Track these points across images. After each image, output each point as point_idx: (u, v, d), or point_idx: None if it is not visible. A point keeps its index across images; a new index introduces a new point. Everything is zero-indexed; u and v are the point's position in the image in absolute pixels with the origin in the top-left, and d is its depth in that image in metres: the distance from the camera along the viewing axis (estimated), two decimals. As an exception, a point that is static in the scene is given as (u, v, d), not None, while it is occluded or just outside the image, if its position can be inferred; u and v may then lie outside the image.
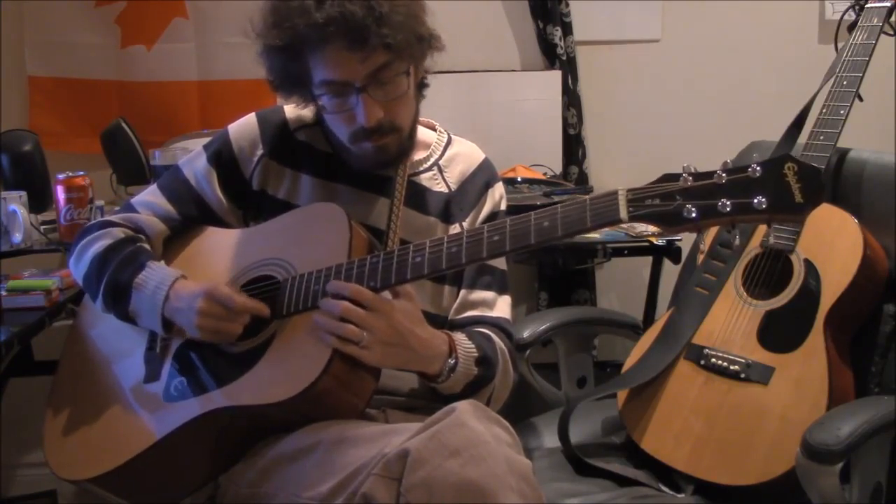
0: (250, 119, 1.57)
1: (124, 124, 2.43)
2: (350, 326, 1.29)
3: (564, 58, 2.78)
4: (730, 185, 1.12)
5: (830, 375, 1.53)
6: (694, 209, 1.13)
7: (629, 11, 2.86)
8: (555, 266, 2.78)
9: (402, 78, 1.40)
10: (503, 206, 1.60)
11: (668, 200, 1.14)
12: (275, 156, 1.53)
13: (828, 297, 1.60)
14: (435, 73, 1.50)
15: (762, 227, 1.71)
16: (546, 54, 2.81)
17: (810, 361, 1.56)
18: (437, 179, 1.56)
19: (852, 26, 1.84)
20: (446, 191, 1.56)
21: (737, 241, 1.68)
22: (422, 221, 1.52)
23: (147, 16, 2.69)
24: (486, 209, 1.56)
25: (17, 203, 2.10)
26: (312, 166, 1.53)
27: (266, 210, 1.52)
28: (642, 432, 1.68)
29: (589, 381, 1.96)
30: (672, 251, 2.35)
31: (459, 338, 1.44)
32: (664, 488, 1.60)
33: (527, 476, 1.17)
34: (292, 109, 1.55)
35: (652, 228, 1.17)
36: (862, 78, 1.74)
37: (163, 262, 1.51)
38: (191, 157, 1.59)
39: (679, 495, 1.57)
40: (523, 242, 1.24)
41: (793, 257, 1.66)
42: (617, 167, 2.90)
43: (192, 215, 1.56)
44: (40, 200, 2.24)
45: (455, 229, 1.53)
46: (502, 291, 1.56)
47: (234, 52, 2.68)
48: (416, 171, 1.55)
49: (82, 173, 2.11)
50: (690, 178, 1.14)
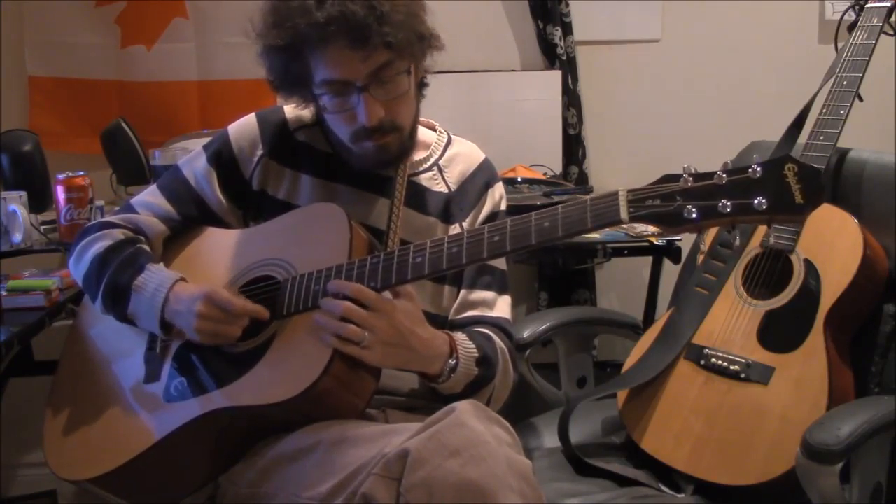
0: (250, 119, 1.57)
1: (124, 124, 2.43)
2: (351, 326, 1.29)
3: (564, 58, 2.77)
4: (730, 186, 1.12)
5: (830, 375, 1.53)
6: (694, 210, 1.13)
7: (629, 11, 2.86)
8: (555, 266, 2.77)
9: (403, 77, 1.40)
10: (503, 206, 1.60)
11: (669, 201, 1.14)
12: (275, 156, 1.53)
13: (828, 297, 1.60)
14: (435, 73, 1.50)
15: (762, 228, 1.71)
16: (546, 54, 2.81)
17: (810, 361, 1.56)
18: (436, 179, 1.56)
19: (852, 26, 1.84)
20: (446, 191, 1.56)
21: (737, 241, 1.69)
22: (422, 221, 1.52)
23: (147, 16, 2.69)
24: (486, 209, 1.56)
25: (17, 203, 2.10)
26: (312, 166, 1.53)
27: (266, 210, 1.52)
28: (642, 432, 1.68)
29: (589, 381, 1.96)
30: (672, 251, 2.35)
31: (460, 338, 1.44)
32: (664, 488, 1.60)
33: (527, 476, 1.17)
34: (292, 109, 1.55)
35: (652, 229, 1.17)
36: (862, 78, 1.74)
37: (162, 263, 1.51)
38: (190, 158, 1.59)
39: (679, 495, 1.57)
40: (524, 243, 1.24)
41: (793, 257, 1.66)
42: (617, 167, 2.90)
43: (191, 215, 1.56)
44: (40, 200, 2.23)
45: (455, 229, 1.53)
46: (502, 291, 1.56)
47: (234, 52, 2.68)
48: (416, 171, 1.55)
49: (82, 173, 2.11)
50: (691, 179, 1.14)
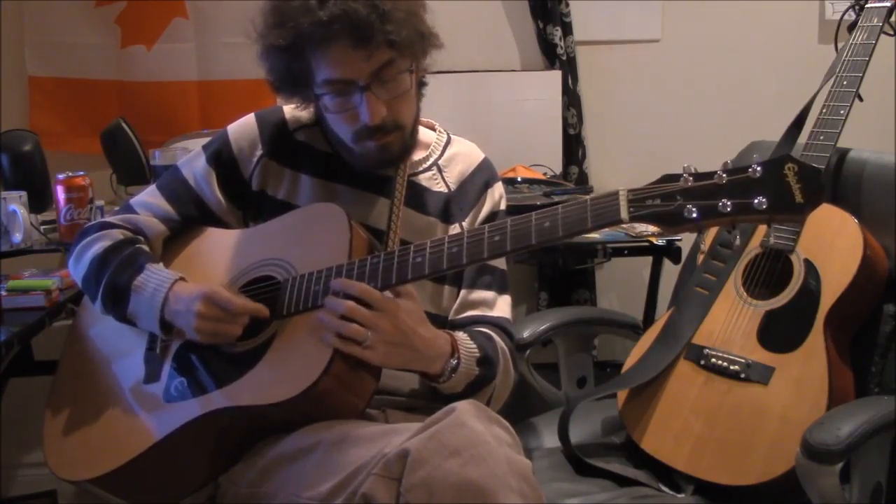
0: (249, 119, 1.57)
1: (124, 124, 2.43)
2: (354, 326, 1.29)
3: (564, 58, 2.77)
4: (730, 186, 1.12)
5: (830, 375, 1.53)
6: (694, 209, 1.13)
7: (629, 11, 2.85)
8: (555, 266, 2.77)
9: (405, 75, 1.40)
10: (503, 205, 1.60)
11: (669, 201, 1.14)
12: (274, 156, 1.53)
13: (828, 297, 1.60)
14: (435, 73, 1.49)
15: (762, 228, 1.71)
16: (546, 54, 2.81)
17: (810, 361, 1.56)
18: (436, 179, 1.56)
19: (852, 26, 1.84)
20: (446, 191, 1.56)
21: (737, 241, 1.69)
22: (421, 221, 1.52)
23: (147, 16, 2.69)
24: (486, 209, 1.56)
25: (17, 203, 2.10)
26: (312, 166, 1.53)
27: (266, 210, 1.52)
28: (642, 432, 1.68)
29: (589, 381, 1.96)
30: (672, 251, 2.35)
31: (461, 337, 1.44)
32: (664, 488, 1.60)
33: (527, 476, 1.17)
34: (291, 110, 1.55)
35: (652, 228, 1.17)
36: (862, 78, 1.74)
37: (161, 263, 1.51)
38: (190, 158, 1.59)
39: (679, 495, 1.57)
40: (524, 243, 1.24)
41: (793, 257, 1.66)
42: (617, 167, 2.89)
43: (191, 216, 1.56)
44: (40, 200, 2.23)
45: (455, 229, 1.52)
46: (502, 291, 1.56)
47: (234, 52, 2.68)
48: (416, 170, 1.55)
49: (82, 173, 2.11)
50: (691, 179, 1.14)
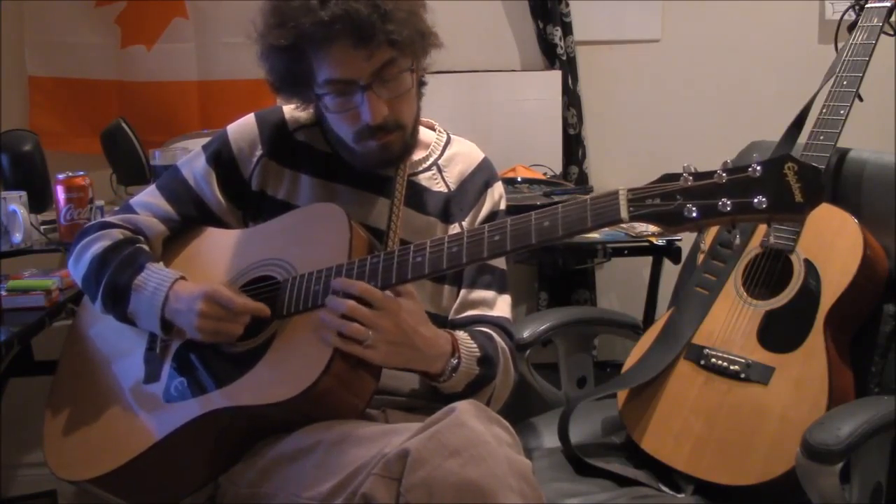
0: (249, 119, 1.57)
1: (124, 124, 2.42)
2: (355, 325, 1.29)
3: (564, 58, 2.77)
4: (730, 185, 1.12)
5: (830, 375, 1.53)
6: (694, 209, 1.13)
7: (629, 11, 2.85)
8: (555, 266, 2.77)
9: (406, 75, 1.40)
10: (503, 205, 1.60)
11: (669, 200, 1.14)
12: (274, 156, 1.53)
13: (828, 297, 1.60)
14: (435, 73, 1.49)
15: (762, 227, 1.71)
16: (546, 54, 2.81)
17: (810, 361, 1.56)
18: (436, 179, 1.56)
19: (852, 26, 1.84)
20: (446, 190, 1.56)
21: (737, 240, 1.69)
22: (421, 221, 1.52)
23: (147, 16, 2.69)
24: (486, 209, 1.56)
25: (17, 203, 2.10)
26: (312, 166, 1.53)
27: (265, 210, 1.52)
28: (642, 432, 1.68)
29: (589, 381, 1.96)
30: (672, 251, 2.34)
31: (462, 337, 1.43)
32: (664, 488, 1.60)
33: (527, 476, 1.17)
34: (291, 110, 1.55)
35: (652, 228, 1.17)
36: (862, 78, 1.74)
37: (162, 263, 1.51)
38: (190, 158, 1.59)
39: (679, 495, 1.57)
40: (524, 242, 1.23)
41: (793, 257, 1.66)
42: (617, 167, 2.89)
43: (191, 216, 1.56)
44: (40, 200, 2.23)
45: (454, 229, 1.52)
46: (502, 291, 1.55)
47: (234, 52, 2.68)
48: (416, 170, 1.55)
49: (82, 173, 2.11)
50: (691, 178, 1.14)
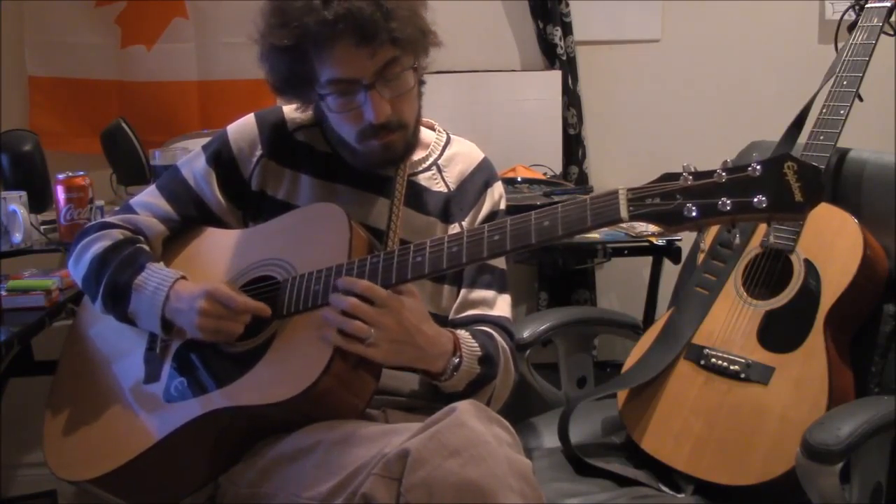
0: (249, 120, 1.57)
1: (124, 124, 2.42)
2: (357, 322, 1.29)
3: (564, 58, 2.77)
4: (730, 184, 1.12)
5: (830, 375, 1.53)
6: (694, 208, 1.13)
7: (629, 11, 2.85)
8: (555, 266, 2.77)
9: (408, 73, 1.40)
10: (502, 205, 1.60)
11: (669, 199, 1.14)
12: (274, 156, 1.53)
13: (828, 297, 1.60)
14: (435, 72, 1.50)
15: (762, 227, 1.71)
16: (546, 54, 2.81)
17: (810, 361, 1.56)
18: (436, 179, 1.56)
19: (852, 26, 1.84)
20: (445, 190, 1.56)
21: (737, 240, 1.69)
22: (421, 221, 1.52)
23: (147, 16, 2.69)
24: (486, 209, 1.56)
25: (17, 203, 2.10)
26: (312, 166, 1.53)
27: (265, 210, 1.52)
28: (642, 432, 1.67)
29: (589, 381, 1.96)
30: (672, 251, 2.35)
31: (463, 336, 1.44)
32: (664, 488, 1.59)
33: (527, 476, 1.17)
34: (291, 110, 1.55)
35: (652, 228, 1.17)
36: (862, 78, 1.74)
37: (162, 263, 1.51)
38: (190, 158, 1.59)
39: (679, 495, 1.57)
40: (524, 242, 1.23)
41: (793, 257, 1.66)
42: (617, 167, 2.89)
43: (191, 216, 1.56)
44: (40, 200, 2.23)
45: (454, 229, 1.52)
46: (502, 290, 1.55)
47: (234, 52, 2.68)
48: (416, 170, 1.55)
49: (82, 173, 2.11)
50: (690, 178, 1.14)
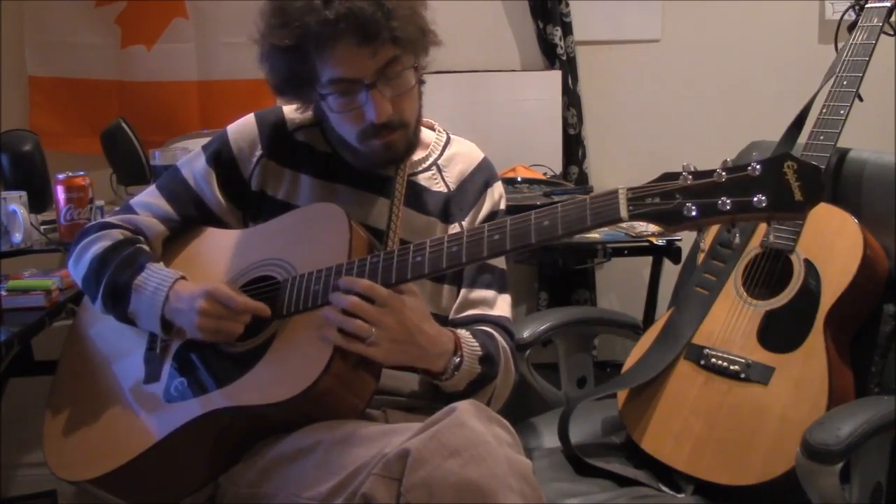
0: (249, 120, 1.57)
1: (124, 124, 2.42)
2: (358, 321, 1.28)
3: (564, 58, 2.77)
4: (730, 184, 1.12)
5: (830, 375, 1.53)
6: (694, 207, 1.13)
7: (629, 11, 2.85)
8: (555, 266, 2.77)
9: (409, 72, 1.40)
10: (502, 205, 1.60)
11: (669, 199, 1.14)
12: (274, 156, 1.53)
13: (828, 297, 1.60)
14: (435, 72, 1.50)
15: (762, 227, 1.71)
16: (546, 54, 2.81)
17: (810, 361, 1.56)
18: (436, 179, 1.56)
19: (852, 26, 1.84)
20: (445, 190, 1.56)
21: (736, 239, 1.69)
22: (421, 221, 1.52)
23: (147, 16, 2.69)
24: (486, 209, 1.56)
25: (17, 203, 2.10)
26: (312, 166, 1.53)
27: (265, 210, 1.52)
28: (642, 432, 1.67)
29: (589, 381, 1.96)
30: (672, 251, 2.34)
31: (464, 335, 1.44)
32: (664, 488, 1.59)
33: (527, 476, 1.17)
34: (291, 110, 1.55)
35: (652, 228, 1.17)
36: (862, 78, 1.74)
37: (162, 263, 1.51)
38: (190, 158, 1.59)
39: (679, 495, 1.57)
40: (524, 241, 1.23)
41: (793, 257, 1.66)
42: (617, 167, 2.89)
43: (191, 216, 1.56)
44: (40, 200, 2.23)
45: (454, 229, 1.52)
46: (502, 290, 1.55)
47: (234, 52, 2.67)
48: (416, 170, 1.55)
49: (82, 173, 2.11)
50: (690, 177, 1.14)
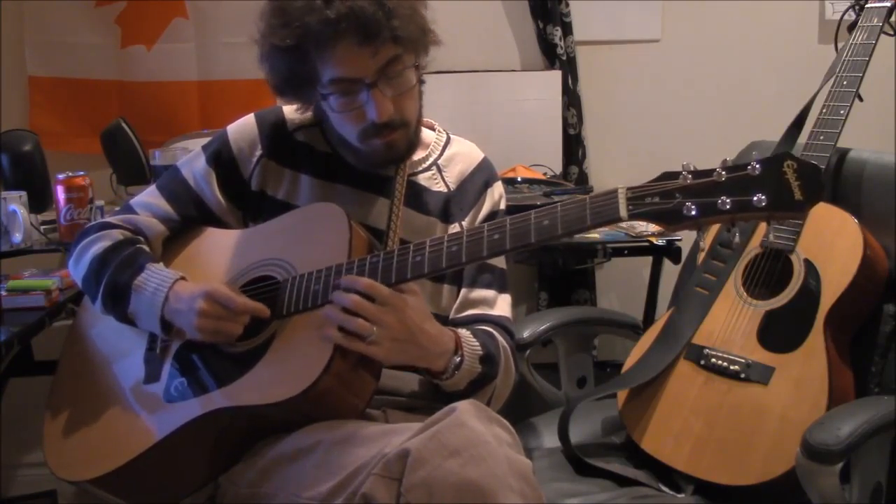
0: (249, 120, 1.57)
1: (124, 124, 2.42)
2: (359, 320, 1.28)
3: (564, 58, 2.77)
4: (729, 183, 1.12)
5: (830, 375, 1.53)
6: (694, 207, 1.13)
7: (629, 11, 2.85)
8: (555, 266, 2.77)
9: (410, 71, 1.40)
10: (502, 205, 1.60)
11: (668, 198, 1.14)
12: (274, 156, 1.53)
13: (828, 297, 1.60)
14: (435, 72, 1.50)
15: (762, 227, 1.71)
16: (546, 54, 2.81)
17: (810, 361, 1.56)
18: (436, 179, 1.56)
19: (852, 26, 1.84)
20: (445, 190, 1.55)
21: (736, 239, 1.68)
22: (421, 221, 1.52)
23: (147, 16, 2.69)
24: (486, 209, 1.56)
25: (17, 203, 2.10)
26: (312, 166, 1.53)
27: (265, 210, 1.52)
28: (642, 432, 1.67)
29: (589, 381, 1.96)
30: (672, 251, 2.34)
31: (464, 335, 1.44)
32: (664, 488, 1.59)
33: (527, 476, 1.17)
34: (291, 110, 1.55)
35: (652, 227, 1.17)
36: (862, 78, 1.74)
37: (162, 263, 1.51)
38: (190, 158, 1.59)
39: (679, 495, 1.57)
40: (523, 241, 1.23)
41: (793, 257, 1.66)
42: (617, 167, 2.89)
43: (191, 216, 1.56)
44: (40, 200, 2.23)
45: (454, 229, 1.52)
46: (502, 290, 1.55)
47: (234, 52, 2.67)
48: (416, 170, 1.55)
49: (82, 173, 2.11)
50: (690, 176, 1.14)
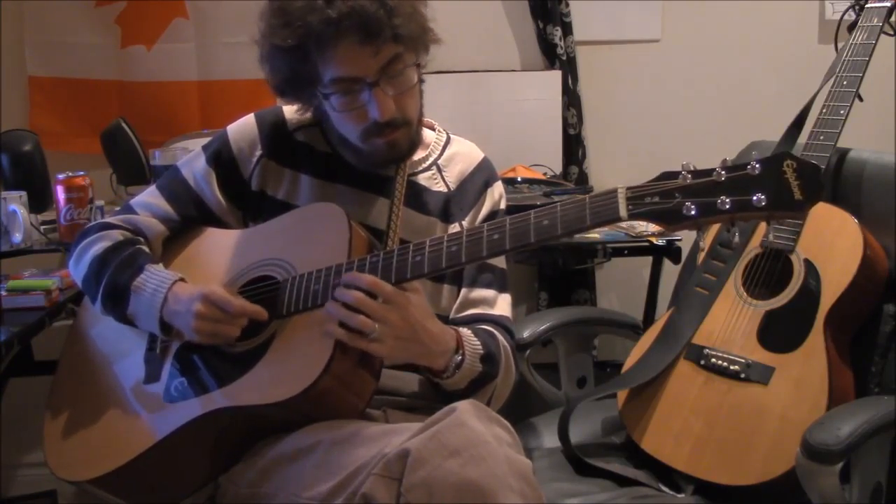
0: (249, 120, 1.57)
1: (124, 124, 2.43)
2: (362, 317, 1.28)
3: (564, 58, 2.77)
4: (729, 183, 1.12)
5: (830, 375, 1.53)
6: (693, 206, 1.13)
7: (629, 11, 2.85)
8: (555, 266, 2.77)
9: (411, 70, 1.40)
10: (503, 205, 1.60)
11: (668, 198, 1.14)
12: (274, 156, 1.53)
13: (828, 297, 1.60)
14: (435, 72, 1.50)
15: (762, 227, 1.71)
16: (546, 54, 2.81)
17: (810, 361, 1.56)
18: (436, 179, 1.56)
19: (852, 26, 1.84)
20: (445, 190, 1.55)
21: (736, 239, 1.68)
22: (421, 221, 1.52)
23: (147, 16, 2.69)
24: (486, 209, 1.56)
25: (17, 203, 2.10)
26: (312, 166, 1.53)
27: (265, 210, 1.52)
28: (642, 432, 1.67)
29: (589, 381, 1.96)
30: (672, 251, 2.34)
31: (465, 334, 1.43)
32: (664, 488, 1.59)
33: (527, 476, 1.17)
34: (291, 110, 1.55)
35: (652, 227, 1.17)
36: (862, 78, 1.74)
37: (161, 264, 1.51)
38: (190, 158, 1.59)
39: (679, 495, 1.57)
40: (523, 241, 1.23)
41: (793, 257, 1.66)
42: (617, 167, 2.89)
43: (191, 216, 1.56)
44: (40, 200, 2.23)
45: (454, 229, 1.52)
46: (502, 290, 1.55)
47: (234, 52, 2.67)
48: (416, 170, 1.55)
49: (82, 173, 2.11)
50: (689, 176, 1.14)
